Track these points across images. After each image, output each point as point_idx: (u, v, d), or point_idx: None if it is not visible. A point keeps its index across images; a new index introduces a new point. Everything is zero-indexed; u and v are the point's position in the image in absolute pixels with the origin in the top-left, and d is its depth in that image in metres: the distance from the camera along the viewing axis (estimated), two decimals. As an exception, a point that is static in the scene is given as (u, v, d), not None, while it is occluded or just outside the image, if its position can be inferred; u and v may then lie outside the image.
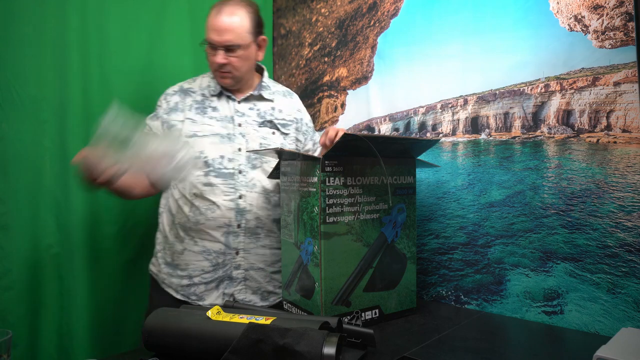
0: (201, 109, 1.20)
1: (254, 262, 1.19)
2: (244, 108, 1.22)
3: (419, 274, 1.21)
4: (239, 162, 1.17)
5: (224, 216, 1.15)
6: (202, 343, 0.75)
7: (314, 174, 0.92)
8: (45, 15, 1.20)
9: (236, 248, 1.17)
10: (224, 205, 1.15)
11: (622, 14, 0.91)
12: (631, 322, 0.88)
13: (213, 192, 1.15)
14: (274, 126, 1.24)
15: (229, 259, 1.17)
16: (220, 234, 1.16)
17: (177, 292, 1.18)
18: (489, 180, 1.13)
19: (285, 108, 1.28)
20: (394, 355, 0.81)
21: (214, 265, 1.16)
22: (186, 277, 1.17)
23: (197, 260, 1.16)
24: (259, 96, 1.24)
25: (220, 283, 1.17)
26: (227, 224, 1.16)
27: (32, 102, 1.17)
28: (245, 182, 1.17)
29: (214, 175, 1.15)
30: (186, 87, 1.23)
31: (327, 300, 0.92)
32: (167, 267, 1.19)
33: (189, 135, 1.16)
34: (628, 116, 0.92)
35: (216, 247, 1.16)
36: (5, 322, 1.11)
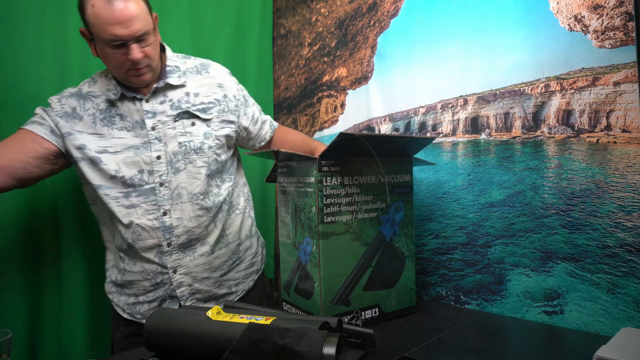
0: (107, 119, 1.04)
1: (196, 275, 1.12)
2: (153, 106, 1.05)
3: (418, 274, 1.21)
4: (159, 173, 1.05)
5: (151, 237, 1.06)
6: (202, 343, 0.75)
7: (310, 174, 0.92)
8: (45, 15, 1.20)
9: (172, 267, 1.09)
10: (148, 225, 1.05)
11: (622, 14, 0.91)
12: (631, 322, 0.88)
13: (135, 213, 1.04)
14: (191, 116, 1.08)
15: (167, 279, 1.09)
16: (152, 255, 1.07)
17: (124, 311, 1.13)
18: (489, 180, 1.13)
19: (202, 89, 1.10)
20: (394, 355, 0.81)
21: (154, 285, 1.10)
22: (132, 296, 1.12)
23: (138, 280, 1.10)
24: (165, 86, 1.07)
25: (163, 302, 1.12)
26: (157, 244, 1.07)
27: (32, 102, 1.17)
28: (169, 195, 1.06)
29: (135, 195, 1.04)
30: (86, 90, 1.06)
31: (327, 300, 0.92)
32: (114, 286, 1.15)
33: (98, 151, 1.02)
34: (628, 116, 0.92)
35: (152, 268, 1.09)
36: (5, 322, 1.11)
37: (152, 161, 1.05)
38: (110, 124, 1.04)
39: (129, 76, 1.01)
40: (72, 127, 1.03)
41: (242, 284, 1.23)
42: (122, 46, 0.95)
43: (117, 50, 0.95)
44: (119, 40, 0.94)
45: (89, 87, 1.08)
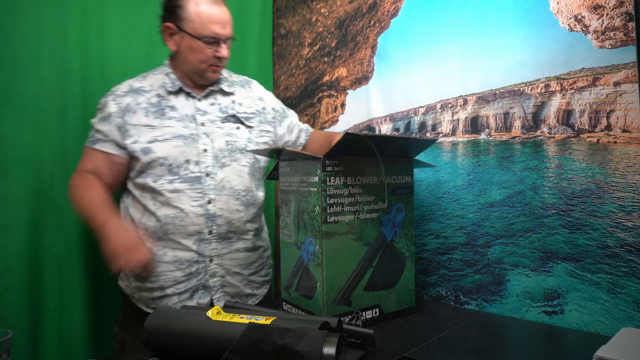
0: (158, 111, 1.12)
1: (229, 268, 1.15)
2: (205, 105, 1.16)
3: (418, 274, 1.21)
4: (205, 164, 1.12)
5: (193, 223, 1.10)
6: (202, 343, 0.75)
7: (314, 173, 0.92)
8: (45, 15, 1.20)
9: (209, 255, 1.13)
10: (193, 211, 1.10)
11: (622, 14, 0.91)
12: (631, 322, 0.88)
13: (180, 199, 1.09)
14: (237, 120, 1.19)
15: (202, 268, 1.12)
16: (191, 242, 1.10)
17: (147, 307, 1.13)
18: (488, 180, 1.13)
19: (246, 100, 1.23)
20: (394, 355, 0.81)
21: (187, 275, 1.11)
22: (158, 289, 1.11)
23: (169, 270, 1.10)
24: (219, 90, 1.19)
25: (195, 293, 1.13)
26: (198, 231, 1.11)
27: (32, 102, 1.17)
28: (214, 185, 1.12)
29: (179, 181, 1.10)
30: (137, 86, 1.14)
31: (329, 300, 0.92)
32: (136, 280, 1.13)
33: (149, 141, 1.09)
34: (628, 116, 0.92)
35: (188, 256, 1.11)
36: (5, 322, 1.11)
37: (199, 153, 1.12)
38: (161, 115, 1.12)
39: (207, 71, 1.12)
40: (129, 121, 1.10)
41: (261, 288, 1.26)
42: (215, 44, 1.09)
43: (210, 47, 1.08)
44: (216, 38, 1.08)
45: (139, 83, 1.15)
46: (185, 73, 1.15)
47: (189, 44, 1.09)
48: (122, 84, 1.15)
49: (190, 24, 1.07)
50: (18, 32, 1.16)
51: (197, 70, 1.13)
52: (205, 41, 1.08)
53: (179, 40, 1.10)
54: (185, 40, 1.09)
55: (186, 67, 1.14)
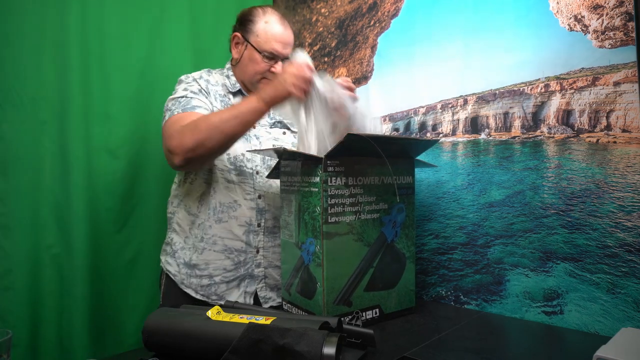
0: (224, 102, 1.19)
1: (272, 260, 1.21)
2: None
3: (418, 274, 1.21)
4: (255, 163, 1.19)
5: (245, 215, 1.17)
6: (202, 343, 0.75)
7: (315, 173, 0.93)
8: (45, 15, 1.20)
9: (257, 247, 1.19)
10: (246, 204, 1.17)
11: (622, 14, 0.91)
12: (631, 322, 0.88)
13: (235, 190, 1.16)
14: (284, 126, 1.26)
15: (250, 257, 1.18)
16: (242, 232, 1.17)
17: (196, 293, 1.17)
18: (488, 180, 1.13)
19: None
20: (394, 355, 0.81)
21: (236, 264, 1.17)
22: (206, 277, 1.16)
23: (218, 259, 1.16)
24: None
25: (242, 281, 1.18)
26: (249, 223, 1.17)
27: (32, 102, 1.17)
28: (263, 183, 1.19)
29: (236, 173, 1.17)
30: (206, 77, 1.21)
31: (329, 300, 0.92)
32: (186, 267, 1.18)
33: None
34: (628, 116, 0.92)
35: (238, 246, 1.17)
36: (5, 322, 1.11)
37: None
38: (225, 106, 1.18)
39: (259, 82, 1.18)
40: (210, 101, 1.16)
41: None
42: (272, 59, 1.16)
43: (268, 61, 1.16)
44: (274, 55, 1.16)
45: (207, 76, 1.21)
46: (241, 79, 1.23)
47: (249, 55, 1.17)
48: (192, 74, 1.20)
49: (255, 38, 1.16)
50: (18, 32, 1.16)
51: (250, 80, 1.20)
52: (264, 55, 1.16)
53: (242, 49, 1.19)
54: (248, 51, 1.18)
55: (242, 75, 1.21)
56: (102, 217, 1.30)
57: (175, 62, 1.45)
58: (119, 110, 1.33)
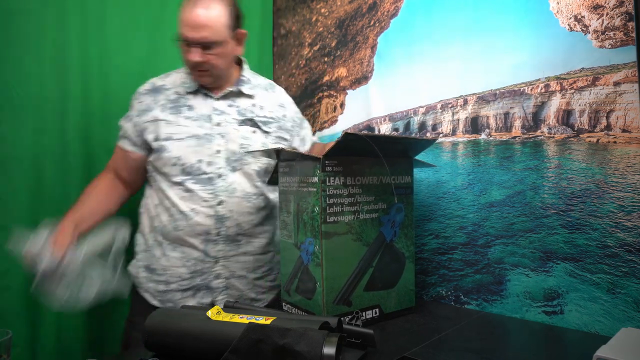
0: (175, 108, 1.12)
1: (234, 270, 1.15)
2: (222, 105, 1.15)
3: (418, 274, 1.21)
4: (218, 166, 1.12)
5: (202, 224, 1.10)
6: (202, 343, 0.75)
7: (314, 173, 0.92)
8: (45, 15, 1.20)
9: (215, 257, 1.13)
10: (203, 212, 1.10)
11: (622, 14, 0.91)
12: (631, 322, 0.88)
13: (191, 198, 1.10)
14: (254, 124, 1.17)
15: (207, 268, 1.13)
16: (198, 241, 1.11)
17: (154, 298, 1.14)
18: (489, 180, 1.13)
19: (267, 104, 1.21)
20: (394, 355, 0.81)
21: (192, 273, 1.12)
22: (163, 283, 1.13)
23: (174, 266, 1.12)
24: (238, 92, 1.17)
25: (197, 292, 1.13)
26: (206, 232, 1.11)
27: (32, 102, 1.17)
28: (225, 187, 1.12)
29: (192, 182, 1.10)
30: (159, 84, 1.16)
31: (329, 300, 0.92)
32: (145, 271, 1.15)
33: (163, 138, 1.11)
34: (628, 116, 0.92)
35: (195, 255, 1.12)
36: (5, 322, 1.11)
37: (211, 153, 1.12)
38: (177, 112, 1.12)
39: (194, 75, 1.12)
40: (146, 120, 1.13)
41: (268, 293, 1.24)
42: (188, 46, 1.06)
43: (184, 48, 1.07)
44: (185, 40, 1.05)
45: (161, 80, 1.18)
46: None
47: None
48: (147, 83, 1.18)
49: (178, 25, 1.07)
50: (18, 32, 1.16)
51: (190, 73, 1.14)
52: (181, 43, 1.07)
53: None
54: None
55: None
56: (101, 217, 1.30)
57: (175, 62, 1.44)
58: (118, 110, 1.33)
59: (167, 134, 1.11)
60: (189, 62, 1.08)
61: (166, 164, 1.11)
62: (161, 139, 1.11)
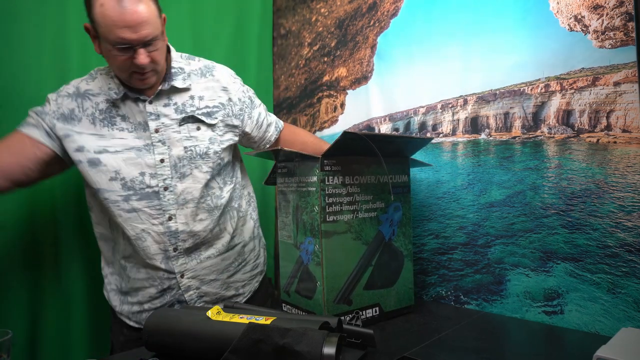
0: (108, 119, 0.99)
1: (203, 277, 1.09)
2: (157, 108, 1.02)
3: (418, 274, 1.21)
4: (163, 177, 1.01)
5: (156, 242, 1.02)
6: (202, 343, 0.75)
7: (313, 173, 0.93)
8: (45, 15, 1.20)
9: (180, 271, 1.06)
10: (154, 230, 1.01)
11: (622, 14, 0.91)
12: (631, 322, 0.88)
13: (139, 218, 1.00)
14: (196, 120, 1.04)
15: (174, 284, 1.07)
16: (158, 261, 1.04)
17: (129, 319, 1.11)
18: (488, 180, 1.13)
19: (207, 92, 1.07)
20: (394, 355, 0.81)
21: (161, 292, 1.07)
22: (136, 304, 1.09)
23: (144, 287, 1.07)
24: (170, 88, 1.03)
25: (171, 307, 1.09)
26: (163, 250, 1.03)
27: (32, 102, 1.17)
28: (174, 200, 1.02)
29: (136, 198, 0.99)
30: (84, 88, 1.02)
31: (330, 299, 0.92)
32: (117, 293, 1.11)
33: (97, 151, 0.99)
34: (628, 116, 0.92)
35: (159, 274, 1.05)
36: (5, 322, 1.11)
37: (155, 164, 1.01)
38: (111, 124, 1.00)
39: (132, 79, 0.97)
40: (71, 128, 0.99)
41: (248, 285, 1.22)
42: (129, 50, 0.91)
43: (123, 53, 0.92)
44: (126, 44, 0.90)
45: (87, 84, 1.03)
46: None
47: (105, 50, 0.93)
48: (69, 84, 1.04)
49: (100, 28, 0.90)
50: (18, 32, 1.16)
51: (122, 79, 0.99)
52: (117, 48, 0.91)
53: (99, 44, 0.95)
54: (102, 45, 0.94)
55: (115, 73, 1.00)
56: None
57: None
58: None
59: (101, 147, 0.99)
60: (128, 67, 0.94)
61: (103, 179, 0.99)
62: (93, 151, 0.98)
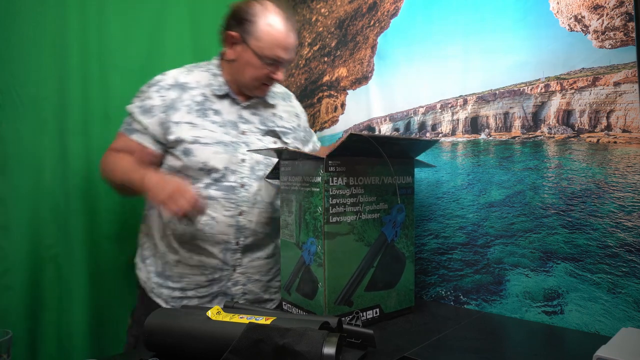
0: (202, 111, 1.09)
1: (251, 276, 1.15)
2: (247, 114, 1.15)
3: (418, 274, 1.21)
4: (241, 175, 1.10)
5: (222, 233, 1.09)
6: (202, 343, 0.75)
7: (317, 173, 0.92)
8: (45, 15, 1.20)
9: (234, 265, 1.12)
10: (224, 221, 1.08)
11: (622, 14, 0.91)
12: (631, 322, 0.88)
13: (213, 206, 1.07)
14: (275, 135, 1.18)
15: (225, 275, 1.12)
16: (218, 250, 1.10)
17: (166, 303, 1.12)
18: (488, 180, 1.13)
19: (285, 114, 1.23)
20: (394, 355, 0.81)
21: (210, 281, 1.11)
22: (178, 290, 1.12)
23: (192, 274, 1.11)
24: (263, 102, 1.17)
25: (214, 298, 1.13)
26: (226, 241, 1.10)
27: (32, 102, 1.17)
28: (247, 198, 1.10)
29: (215, 188, 1.08)
30: (182, 80, 1.12)
31: (331, 300, 0.92)
32: (157, 276, 1.13)
33: (189, 141, 1.07)
34: (628, 116, 0.92)
35: (213, 263, 1.10)
36: (5, 322, 1.11)
37: (237, 162, 1.10)
38: (204, 115, 1.09)
39: (257, 87, 1.11)
40: (170, 118, 1.07)
41: (278, 292, 1.24)
42: (274, 65, 1.08)
43: (268, 67, 1.07)
44: (278, 61, 1.07)
45: (184, 77, 1.13)
46: (234, 80, 1.13)
47: (248, 59, 1.08)
48: (166, 75, 1.12)
49: (256, 42, 1.05)
50: (18, 32, 1.16)
51: (246, 84, 1.12)
52: (265, 62, 1.07)
53: (240, 51, 1.08)
54: (247, 54, 1.07)
55: (238, 77, 1.12)
56: (101, 217, 1.30)
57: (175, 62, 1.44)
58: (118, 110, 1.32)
59: (193, 137, 1.07)
60: (268, 79, 1.10)
61: (191, 167, 1.07)
62: (187, 141, 1.07)
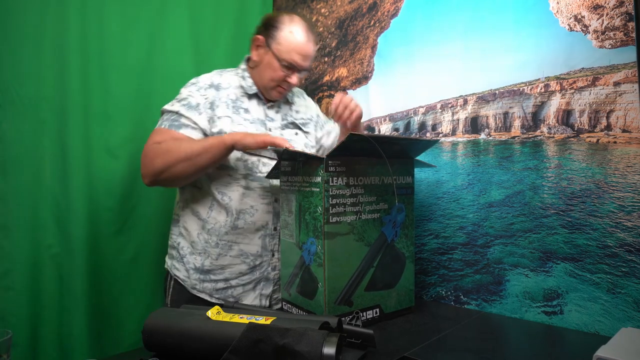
0: (235, 108, 1.18)
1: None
2: (271, 113, 1.23)
3: (418, 274, 1.21)
4: (271, 167, 1.16)
5: (262, 219, 1.17)
6: (202, 343, 0.75)
7: (317, 174, 0.92)
8: (45, 15, 1.20)
9: (272, 250, 1.19)
10: (262, 209, 1.17)
11: (622, 14, 0.91)
12: (631, 322, 0.88)
13: (251, 196, 1.16)
14: (296, 126, 1.26)
15: (266, 261, 1.19)
16: (257, 236, 1.17)
17: (211, 297, 1.18)
18: (488, 180, 1.13)
19: (301, 108, 1.31)
20: (394, 355, 0.81)
21: (252, 268, 1.18)
22: (222, 281, 1.17)
23: (234, 264, 1.17)
24: (284, 100, 1.27)
25: (257, 284, 1.19)
26: (264, 227, 1.18)
27: (32, 102, 1.17)
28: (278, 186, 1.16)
29: (251, 179, 1.16)
30: (216, 81, 1.20)
31: (331, 301, 0.92)
32: (198, 273, 1.18)
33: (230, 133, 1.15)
34: (628, 116, 0.92)
35: (253, 250, 1.17)
36: (5, 322, 1.11)
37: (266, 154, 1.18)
38: (237, 112, 1.17)
39: (273, 89, 1.19)
40: (214, 114, 1.15)
41: None
42: (290, 69, 1.15)
43: (284, 70, 1.15)
44: (294, 66, 1.15)
45: (217, 78, 1.21)
46: (256, 83, 1.22)
47: (269, 61, 1.16)
48: (201, 78, 1.20)
49: (277, 45, 1.15)
50: (18, 32, 1.16)
51: (265, 85, 1.20)
52: (282, 64, 1.15)
53: (263, 54, 1.18)
54: (267, 56, 1.16)
55: (259, 78, 1.21)
56: (101, 217, 1.30)
57: (175, 62, 1.45)
58: (118, 110, 1.33)
59: (232, 131, 1.14)
60: (284, 82, 1.17)
61: (230, 158, 1.14)
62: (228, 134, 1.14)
